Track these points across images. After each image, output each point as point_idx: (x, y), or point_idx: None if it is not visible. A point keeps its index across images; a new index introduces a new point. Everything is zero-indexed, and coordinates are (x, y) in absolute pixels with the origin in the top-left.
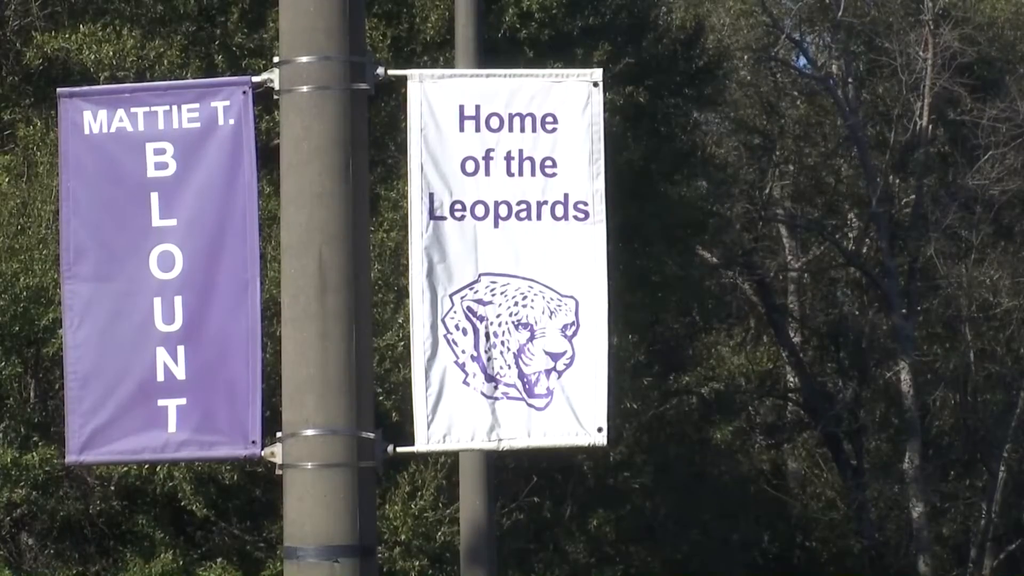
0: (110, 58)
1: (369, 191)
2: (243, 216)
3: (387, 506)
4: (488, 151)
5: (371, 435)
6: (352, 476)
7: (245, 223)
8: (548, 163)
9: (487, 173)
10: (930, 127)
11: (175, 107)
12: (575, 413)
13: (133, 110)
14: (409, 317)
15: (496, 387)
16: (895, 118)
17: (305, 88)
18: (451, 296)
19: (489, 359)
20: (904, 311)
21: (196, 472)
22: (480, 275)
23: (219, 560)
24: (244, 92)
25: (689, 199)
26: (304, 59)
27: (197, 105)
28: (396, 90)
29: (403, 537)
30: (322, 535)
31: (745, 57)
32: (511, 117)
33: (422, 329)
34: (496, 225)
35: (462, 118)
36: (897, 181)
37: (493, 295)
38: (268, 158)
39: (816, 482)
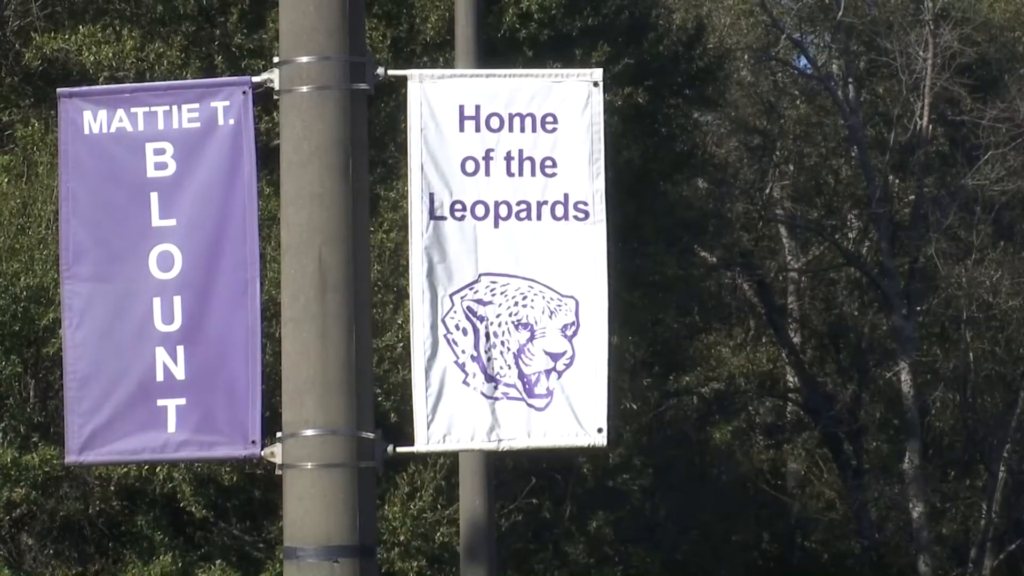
0: (110, 59)
1: (369, 191)
2: (243, 216)
3: (386, 507)
4: (488, 151)
5: (371, 435)
6: (352, 476)
7: (245, 223)
8: (548, 163)
9: (487, 173)
10: (930, 127)
11: (175, 107)
12: (575, 413)
13: (133, 110)
14: (409, 317)
15: (496, 387)
16: (895, 118)
17: (305, 88)
18: (451, 296)
19: (489, 359)
20: (904, 311)
21: (196, 473)
22: (480, 275)
23: (218, 561)
24: (244, 92)
25: (689, 199)
26: (304, 59)
27: (197, 105)
28: (396, 90)
29: (402, 538)
30: (322, 535)
31: (745, 57)
32: (511, 117)
33: (422, 329)
34: (496, 225)
35: (462, 118)
36: (897, 181)
37: (493, 295)
38: (268, 158)
39: (816, 482)
